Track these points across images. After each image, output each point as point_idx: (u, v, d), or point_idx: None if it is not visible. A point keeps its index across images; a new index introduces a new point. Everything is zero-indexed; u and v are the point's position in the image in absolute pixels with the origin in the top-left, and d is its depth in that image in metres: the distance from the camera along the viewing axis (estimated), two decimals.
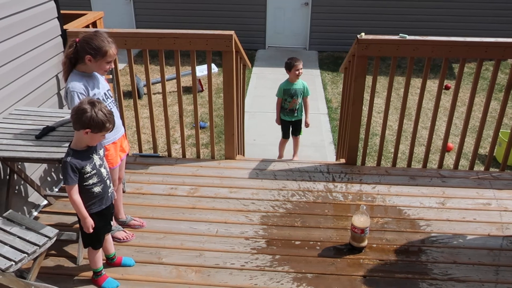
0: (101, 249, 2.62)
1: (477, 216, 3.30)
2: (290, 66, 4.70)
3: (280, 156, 5.30)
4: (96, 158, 2.42)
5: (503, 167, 3.94)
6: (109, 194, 2.53)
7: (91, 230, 2.41)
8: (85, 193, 2.39)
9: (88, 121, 2.23)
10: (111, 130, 2.38)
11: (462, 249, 2.98)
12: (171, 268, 2.80)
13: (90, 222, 2.39)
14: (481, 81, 8.40)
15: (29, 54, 3.20)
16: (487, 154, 4.02)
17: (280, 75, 8.69)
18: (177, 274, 2.75)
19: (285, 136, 5.15)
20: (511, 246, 3.01)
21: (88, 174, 2.36)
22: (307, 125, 4.99)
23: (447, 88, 8.15)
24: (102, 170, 2.45)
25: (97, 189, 2.42)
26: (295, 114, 4.89)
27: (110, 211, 2.59)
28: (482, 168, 4.27)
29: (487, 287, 2.68)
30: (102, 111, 2.25)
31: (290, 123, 4.98)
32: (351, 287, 2.69)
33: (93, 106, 2.25)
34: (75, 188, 2.33)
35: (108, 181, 2.50)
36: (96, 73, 2.71)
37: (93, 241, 2.55)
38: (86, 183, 2.37)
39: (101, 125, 2.26)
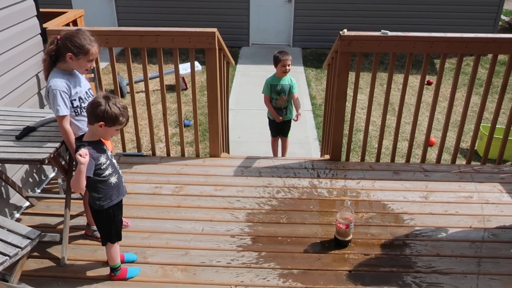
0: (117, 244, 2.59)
1: (459, 209, 3.35)
2: (277, 61, 4.35)
3: (274, 156, 4.90)
4: (107, 149, 2.43)
5: (484, 160, 4.01)
6: (123, 184, 2.53)
7: (87, 159, 2.23)
8: (103, 184, 2.38)
9: (102, 114, 2.25)
10: (125, 124, 2.39)
11: (445, 242, 3.03)
12: (156, 267, 2.78)
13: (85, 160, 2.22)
14: (462, 76, 8.53)
15: (7, 53, 3.14)
16: (468, 148, 4.08)
17: (264, 72, 8.68)
18: (163, 273, 2.74)
19: (274, 135, 4.84)
20: (492, 238, 3.07)
21: (104, 165, 2.36)
22: (296, 119, 4.54)
23: (429, 83, 8.26)
24: (114, 160, 2.47)
25: (113, 179, 2.42)
26: (285, 114, 4.55)
27: (122, 202, 2.59)
28: (464, 162, 4.34)
29: (470, 279, 2.73)
30: (116, 105, 2.28)
31: (279, 123, 4.62)
32: (337, 282, 2.71)
33: (108, 100, 2.28)
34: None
35: (120, 171, 2.50)
36: (76, 71, 2.68)
37: (112, 235, 2.53)
38: (103, 175, 2.37)
39: (115, 119, 2.28)
